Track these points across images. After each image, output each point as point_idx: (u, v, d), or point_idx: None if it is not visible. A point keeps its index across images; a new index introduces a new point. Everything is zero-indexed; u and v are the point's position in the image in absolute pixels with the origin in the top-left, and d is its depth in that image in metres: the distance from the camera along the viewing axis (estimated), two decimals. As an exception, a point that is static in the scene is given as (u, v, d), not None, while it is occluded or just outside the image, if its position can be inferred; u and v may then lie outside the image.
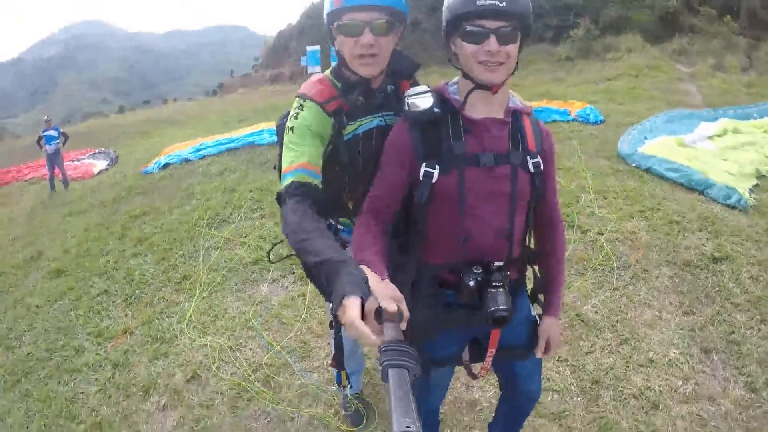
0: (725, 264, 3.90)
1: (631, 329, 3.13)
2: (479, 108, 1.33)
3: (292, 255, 1.57)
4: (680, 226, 4.54)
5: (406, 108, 1.33)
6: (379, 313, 1.01)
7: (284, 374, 3.01)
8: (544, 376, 2.53)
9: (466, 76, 1.31)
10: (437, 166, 1.30)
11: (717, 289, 3.60)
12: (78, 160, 13.48)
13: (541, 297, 1.61)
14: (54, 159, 10.38)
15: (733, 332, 3.14)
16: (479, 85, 1.28)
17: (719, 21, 22.63)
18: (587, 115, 9.04)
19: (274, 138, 8.92)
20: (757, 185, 5.79)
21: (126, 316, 3.91)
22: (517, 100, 1.41)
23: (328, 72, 1.55)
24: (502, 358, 1.59)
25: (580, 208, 4.90)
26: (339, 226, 1.76)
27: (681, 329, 3.16)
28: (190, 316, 3.64)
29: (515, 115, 1.37)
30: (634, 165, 6.31)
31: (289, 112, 1.50)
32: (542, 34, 27.79)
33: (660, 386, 2.69)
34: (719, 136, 7.95)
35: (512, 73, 1.30)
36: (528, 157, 1.36)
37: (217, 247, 4.69)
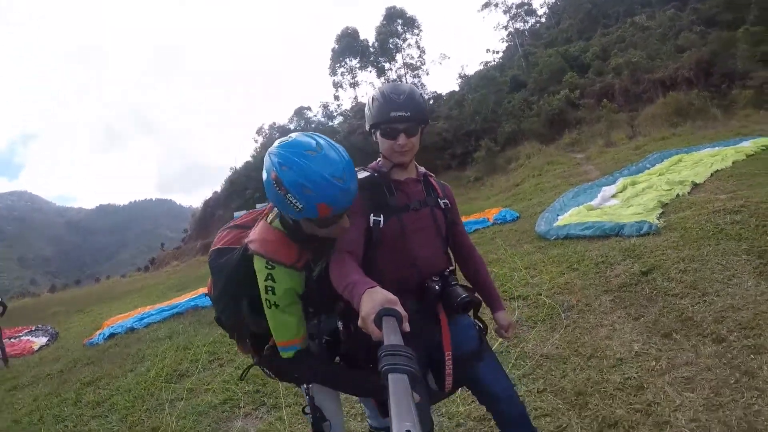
0: (655, 273, 4.75)
1: (593, 346, 3.71)
2: (400, 174, 2.04)
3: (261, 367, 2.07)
4: (606, 264, 5.45)
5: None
6: (380, 318, 1.22)
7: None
8: (530, 408, 2.97)
9: (385, 157, 2.01)
10: (382, 215, 1.94)
11: (655, 292, 4.37)
12: (16, 338, 12.78)
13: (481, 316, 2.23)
14: None
15: (683, 313, 3.84)
16: (396, 164, 2.00)
17: (599, 107, 27.30)
18: (503, 216, 10.44)
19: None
20: (663, 213, 6.95)
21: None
22: (423, 169, 2.24)
23: (274, 223, 1.83)
24: (463, 368, 2.07)
25: (515, 283, 5.73)
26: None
27: (636, 330, 3.80)
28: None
29: (425, 176, 2.14)
30: (553, 238, 7.44)
31: (222, 250, 2.00)
32: (449, 163, 31.45)
33: (637, 372, 3.22)
34: (620, 192, 9.43)
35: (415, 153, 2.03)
36: (438, 199, 2.09)
37: (182, 399, 4.83)
